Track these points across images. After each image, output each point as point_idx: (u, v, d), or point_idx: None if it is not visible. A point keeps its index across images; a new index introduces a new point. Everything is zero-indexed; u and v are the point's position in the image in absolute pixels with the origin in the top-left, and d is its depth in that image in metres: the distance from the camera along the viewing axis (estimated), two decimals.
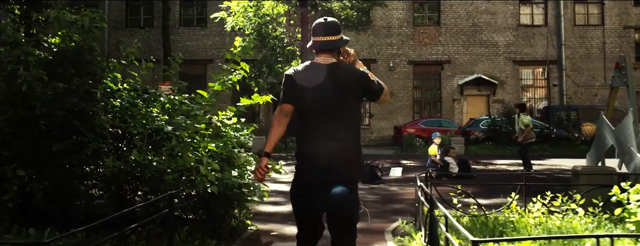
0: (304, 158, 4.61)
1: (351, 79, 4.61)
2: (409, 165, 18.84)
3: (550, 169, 17.71)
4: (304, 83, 4.56)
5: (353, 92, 4.60)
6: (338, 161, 4.44)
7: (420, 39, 34.95)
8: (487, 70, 34.65)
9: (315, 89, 4.52)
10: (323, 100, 4.51)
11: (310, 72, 4.61)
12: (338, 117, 4.52)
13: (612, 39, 34.92)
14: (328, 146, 4.43)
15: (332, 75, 4.55)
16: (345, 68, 4.68)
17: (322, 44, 4.66)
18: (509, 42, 34.91)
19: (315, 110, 4.55)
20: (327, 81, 4.53)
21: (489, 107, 34.65)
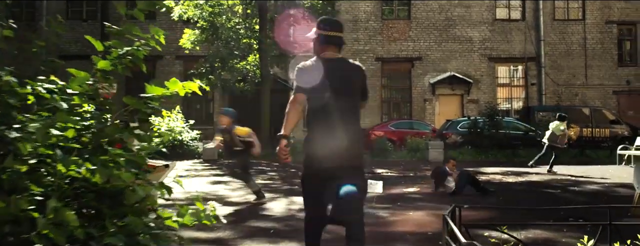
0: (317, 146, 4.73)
1: (357, 75, 5.00)
2: (385, 175, 16.03)
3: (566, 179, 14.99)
4: (316, 76, 4.72)
5: (358, 87, 4.96)
6: (350, 150, 4.70)
7: (389, 33, 32.32)
8: (460, 68, 32.15)
9: (327, 82, 4.72)
10: (335, 92, 4.72)
11: (323, 66, 4.78)
12: (347, 109, 4.79)
13: (594, 34, 32.70)
14: (342, 136, 4.67)
15: (342, 69, 4.92)
16: (352, 63, 5.08)
17: (331, 38, 4.96)
18: (484, 38, 32.46)
19: (328, 101, 4.70)
20: (338, 74, 4.82)
21: (463, 107, 32.14)
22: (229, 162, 20.37)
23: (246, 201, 10.05)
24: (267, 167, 18.62)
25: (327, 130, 4.70)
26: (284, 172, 16.57)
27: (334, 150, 4.62)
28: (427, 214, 8.84)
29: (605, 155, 23.20)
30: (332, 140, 4.64)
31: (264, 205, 9.77)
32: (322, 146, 4.68)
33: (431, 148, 21.77)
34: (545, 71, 32.42)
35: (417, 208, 9.36)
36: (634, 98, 32.82)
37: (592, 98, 32.47)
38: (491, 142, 23.82)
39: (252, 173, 16.23)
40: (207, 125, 31.76)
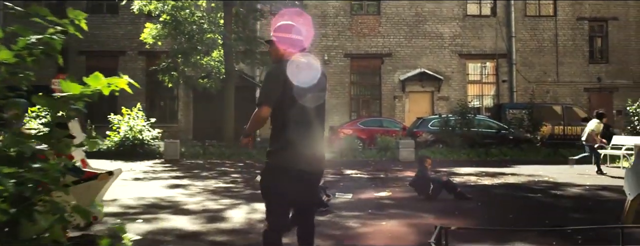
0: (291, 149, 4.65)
1: (323, 77, 4.96)
2: (354, 176, 15.22)
3: (544, 181, 14.31)
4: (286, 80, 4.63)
5: (323, 88, 4.97)
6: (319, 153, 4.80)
7: (358, 29, 31.58)
8: (431, 65, 31.54)
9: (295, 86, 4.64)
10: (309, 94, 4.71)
11: (296, 69, 4.69)
12: (318, 112, 4.85)
13: (565, 31, 32.28)
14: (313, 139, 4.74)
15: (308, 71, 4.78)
16: (316, 65, 4.93)
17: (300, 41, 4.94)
18: (455, 34, 31.86)
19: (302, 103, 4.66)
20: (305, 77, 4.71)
21: (433, 104, 31.51)
22: (191, 162, 19.56)
23: (203, 209, 9.17)
24: (231, 168, 17.70)
25: (303, 133, 4.68)
26: (249, 174, 15.66)
27: (310, 154, 4.68)
28: (402, 224, 8.04)
29: (580, 153, 22.60)
30: (308, 144, 4.69)
31: (222, 212, 8.90)
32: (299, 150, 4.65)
33: (402, 148, 21.02)
34: (516, 68, 31.94)
35: (391, 217, 8.55)
36: (604, 96, 32.46)
37: (563, 96, 32.04)
38: (463, 141, 23.13)
39: (215, 174, 15.36)
40: (171, 122, 30.77)
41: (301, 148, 4.65)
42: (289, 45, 4.87)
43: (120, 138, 21.47)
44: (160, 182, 13.15)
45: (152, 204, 9.73)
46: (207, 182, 13.34)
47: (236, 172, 16.41)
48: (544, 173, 15.88)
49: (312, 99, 4.72)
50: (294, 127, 4.67)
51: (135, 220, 8.06)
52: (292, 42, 4.87)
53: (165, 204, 9.75)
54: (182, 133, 30.52)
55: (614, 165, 18.87)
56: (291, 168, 4.61)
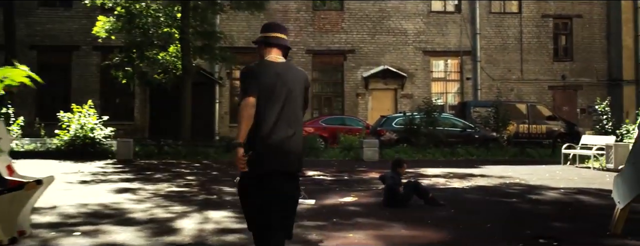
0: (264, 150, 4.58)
1: (300, 80, 4.87)
2: (317, 177, 14.43)
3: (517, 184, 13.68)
4: (261, 79, 4.65)
5: (301, 92, 4.85)
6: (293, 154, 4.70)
7: (320, 25, 30.90)
8: (394, 62, 31.00)
9: (271, 85, 4.65)
10: (279, 96, 4.67)
11: (267, 69, 4.73)
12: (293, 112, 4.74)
13: (530, 28, 32.02)
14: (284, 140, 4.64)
15: (286, 72, 4.78)
16: (295, 68, 4.98)
17: (277, 39, 4.91)
18: (419, 30, 31.37)
19: (273, 104, 4.64)
20: (282, 78, 4.72)
21: (397, 102, 30.92)
22: (144, 163, 18.55)
23: (151, 219, 8.27)
24: (187, 169, 16.76)
25: (269, 133, 4.61)
26: (205, 176, 14.76)
27: (281, 154, 4.63)
28: (371, 236, 7.25)
29: (547, 153, 22.17)
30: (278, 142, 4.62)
31: (171, 222, 8.02)
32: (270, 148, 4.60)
33: (366, 147, 20.28)
34: (480, 65, 31.50)
35: (358, 227, 7.76)
36: (568, 94, 32.23)
37: (528, 94, 31.73)
38: (428, 140, 22.47)
39: (169, 177, 14.44)
40: (126, 120, 29.68)
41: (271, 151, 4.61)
42: (276, 45, 4.92)
43: (70, 137, 20.34)
44: (108, 186, 12.19)
45: (95, 212, 8.80)
46: (159, 185, 12.41)
47: (191, 173, 15.48)
48: (514, 175, 15.26)
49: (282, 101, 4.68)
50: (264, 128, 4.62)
51: (72, 233, 7.14)
52: (279, 43, 4.92)
53: (109, 212, 8.82)
54: (138, 131, 29.45)
55: (583, 166, 18.35)
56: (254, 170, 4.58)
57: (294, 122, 4.73)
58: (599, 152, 17.15)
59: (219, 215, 8.54)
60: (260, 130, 4.58)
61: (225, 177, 14.43)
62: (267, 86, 4.62)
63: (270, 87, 4.63)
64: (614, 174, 15.42)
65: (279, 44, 4.91)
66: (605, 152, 16.71)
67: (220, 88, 30.13)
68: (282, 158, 4.62)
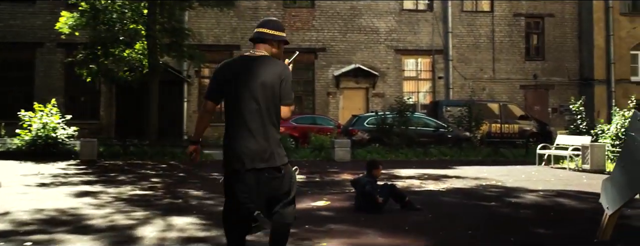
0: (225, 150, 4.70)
1: (273, 72, 4.68)
2: None
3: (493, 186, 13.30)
4: (228, 75, 4.71)
5: (273, 85, 4.65)
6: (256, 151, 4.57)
7: (291, 23, 30.30)
8: (366, 60, 30.56)
9: (237, 80, 4.66)
10: (243, 92, 4.63)
11: (237, 64, 4.79)
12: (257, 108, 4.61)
13: (502, 27, 31.79)
14: (246, 138, 4.58)
15: (257, 66, 4.68)
16: (272, 62, 4.76)
17: (258, 33, 4.85)
18: (390, 29, 30.96)
19: (234, 102, 4.65)
20: (250, 72, 4.66)
21: (368, 101, 30.51)
22: (109, 163, 17.89)
23: (110, 226, 7.72)
24: (152, 170, 16.17)
25: (235, 130, 4.65)
26: (171, 178, 14.19)
27: (239, 151, 4.58)
28: (345, 244, 6.79)
29: (521, 153, 21.89)
30: (237, 141, 4.60)
31: (132, 229, 7.48)
32: (230, 147, 4.65)
33: (337, 147, 19.82)
34: (452, 64, 31.22)
35: (331, 235, 7.28)
36: (540, 93, 32.10)
37: (499, 93, 31.51)
38: (401, 140, 22.08)
39: (133, 178, 13.85)
40: (92, 119, 28.91)
41: (229, 149, 4.66)
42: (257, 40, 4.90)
43: (31, 137, 19.59)
44: (68, 189, 11.56)
45: (51, 219, 8.22)
46: (122, 188, 11.82)
47: (157, 175, 14.90)
48: (489, 176, 14.91)
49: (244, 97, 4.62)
50: (227, 126, 4.71)
51: (23, 243, 6.57)
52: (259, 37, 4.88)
53: (66, 219, 8.25)
54: (104, 131, 28.70)
55: (558, 166, 18.06)
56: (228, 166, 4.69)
57: (260, 117, 4.60)
58: (575, 152, 16.86)
59: (183, 222, 8.01)
60: (225, 129, 4.73)
61: (192, 179, 13.90)
62: (230, 83, 4.67)
63: (234, 83, 4.66)
64: (590, 175, 15.27)
65: (260, 38, 4.84)
66: (581, 153, 16.42)
67: (188, 86, 29.46)
68: (242, 157, 4.56)
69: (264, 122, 4.59)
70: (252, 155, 4.55)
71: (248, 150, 4.54)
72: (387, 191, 9.16)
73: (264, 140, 4.58)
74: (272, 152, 4.60)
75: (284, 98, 4.71)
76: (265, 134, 4.59)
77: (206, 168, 16.65)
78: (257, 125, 4.57)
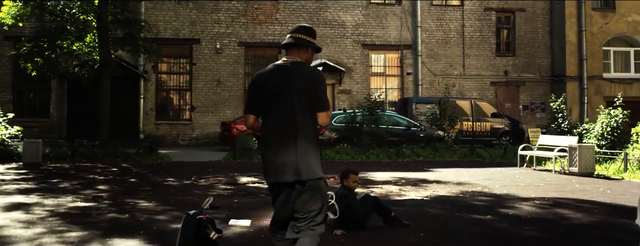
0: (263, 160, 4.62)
1: (305, 79, 4.54)
2: (250, 185, 12.55)
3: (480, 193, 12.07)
4: (263, 85, 4.61)
5: (307, 93, 4.52)
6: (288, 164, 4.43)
7: (253, 15, 28.88)
8: (332, 55, 29.21)
9: (272, 89, 4.55)
10: (275, 102, 4.53)
11: (271, 73, 4.65)
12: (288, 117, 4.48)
13: (472, 21, 30.69)
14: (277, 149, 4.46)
15: (291, 73, 4.55)
16: (307, 68, 4.67)
17: (294, 38, 4.72)
18: (358, 23, 29.66)
19: (271, 110, 4.55)
20: (285, 80, 4.53)
21: (334, 98, 29.18)
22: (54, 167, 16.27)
23: None
24: (101, 175, 14.61)
25: (268, 140, 4.57)
26: (120, 185, 12.66)
27: (271, 163, 4.51)
28: None
29: (498, 153, 20.77)
30: (270, 152, 4.52)
31: None
32: (264, 158, 4.61)
33: None
34: (421, 60, 30.05)
35: None
36: (511, 90, 31.13)
37: (470, 90, 30.46)
38: (371, 140, 20.79)
39: (78, 186, 12.33)
40: (43, 117, 27.16)
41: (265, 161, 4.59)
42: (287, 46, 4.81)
43: None
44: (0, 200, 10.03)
45: None
46: (62, 198, 10.29)
47: (105, 181, 13.35)
48: (472, 180, 13.70)
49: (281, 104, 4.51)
50: (262, 136, 4.64)
51: None
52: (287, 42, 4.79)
53: None
54: (55, 130, 26.96)
55: (541, 168, 16.92)
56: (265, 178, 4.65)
57: (293, 127, 4.44)
58: (561, 153, 15.71)
59: None
60: (261, 139, 4.73)
61: (144, 186, 12.42)
62: (265, 93, 4.57)
63: (270, 93, 4.55)
64: (580, 179, 14.11)
65: (296, 43, 4.70)
66: (568, 154, 15.25)
67: (145, 82, 27.81)
68: (276, 170, 4.47)
69: (297, 131, 4.44)
70: (283, 168, 4.41)
71: (279, 163, 4.43)
72: (370, 204, 7.83)
73: (295, 152, 4.41)
74: (305, 164, 4.41)
75: (320, 104, 4.54)
76: (297, 145, 4.42)
77: (161, 172, 15.19)
78: (290, 135, 4.44)
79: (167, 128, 28.22)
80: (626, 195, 11.28)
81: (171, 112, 28.84)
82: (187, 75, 28.61)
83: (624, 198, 10.73)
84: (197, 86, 28.30)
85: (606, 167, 15.57)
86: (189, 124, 28.17)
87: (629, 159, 14.95)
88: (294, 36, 4.72)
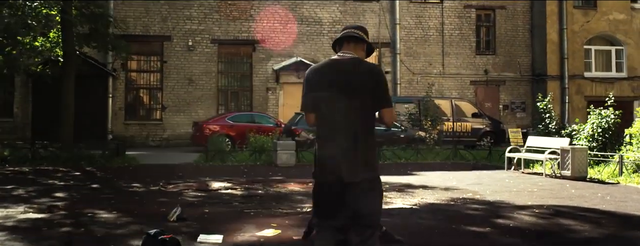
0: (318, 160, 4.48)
1: (370, 75, 4.37)
2: (223, 191, 11.58)
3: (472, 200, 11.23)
4: (319, 81, 4.46)
5: (369, 89, 4.32)
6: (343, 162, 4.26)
7: (227, 12, 27.91)
8: (308, 53, 28.33)
9: (330, 85, 4.37)
10: (331, 99, 4.35)
11: (328, 68, 4.50)
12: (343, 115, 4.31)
13: (452, 19, 29.96)
14: (334, 148, 4.29)
15: (351, 69, 4.40)
16: (365, 63, 4.48)
17: (350, 32, 4.58)
18: (334, 20, 28.78)
19: (329, 107, 4.36)
20: (344, 75, 4.37)
21: None
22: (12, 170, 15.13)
23: None
24: (61, 181, 13.54)
25: (325, 138, 4.43)
26: (81, 191, 11.62)
27: (327, 162, 4.36)
28: None
29: (482, 155, 19.99)
30: (326, 151, 4.38)
31: None
32: (319, 157, 4.47)
33: (280, 150, 17.46)
34: (400, 58, 29.24)
35: None
36: (491, 89, 30.45)
37: (449, 89, 29.74)
38: None
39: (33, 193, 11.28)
40: (6, 117, 25.94)
41: (319, 159, 4.47)
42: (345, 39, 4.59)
43: None
44: None
45: None
46: (12, 208, 9.23)
47: (65, 187, 12.29)
48: (460, 185, 12.86)
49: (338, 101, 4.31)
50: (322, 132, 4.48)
51: None
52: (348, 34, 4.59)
53: None
54: (19, 130, 25.75)
55: (531, 171, 16.11)
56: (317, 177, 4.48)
57: (352, 125, 4.29)
58: (552, 156, 14.91)
59: None
60: (316, 137, 4.62)
61: (106, 193, 11.39)
62: (323, 89, 4.41)
63: (327, 89, 4.39)
64: (574, 183, 13.31)
65: (353, 38, 4.56)
66: (560, 157, 14.45)
67: (114, 81, 26.66)
68: (333, 168, 4.31)
69: (356, 129, 4.29)
70: (342, 166, 4.25)
71: (337, 161, 4.27)
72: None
73: (354, 151, 4.26)
74: (365, 162, 4.30)
75: (383, 100, 4.38)
76: (356, 144, 4.27)
77: (127, 176, 14.16)
78: (348, 133, 4.28)
79: (137, 128, 27.12)
80: (628, 201, 10.49)
81: (141, 112, 27.74)
82: (158, 73, 27.53)
83: (628, 206, 9.93)
84: (169, 84, 27.24)
85: (599, 170, 14.79)
86: (159, 124, 27.10)
87: (624, 162, 14.19)
88: (352, 31, 4.57)
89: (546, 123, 18.42)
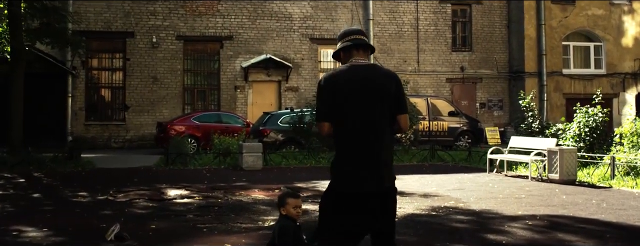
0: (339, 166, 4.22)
1: (389, 81, 4.30)
2: (179, 201, 10.37)
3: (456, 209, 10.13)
4: (338, 88, 4.23)
5: (389, 95, 4.24)
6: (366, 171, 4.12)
7: (193, 7, 26.71)
8: (278, 50, 27.23)
9: (351, 92, 4.20)
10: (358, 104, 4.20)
11: (346, 74, 4.29)
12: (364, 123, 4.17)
13: (427, 14, 28.97)
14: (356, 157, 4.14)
15: (371, 75, 4.28)
16: (383, 69, 4.51)
17: (358, 40, 4.42)
18: (305, 15, 27.70)
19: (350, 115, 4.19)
20: (365, 82, 4.23)
21: (281, 96, 27.17)
22: None
23: None
24: (3, 189, 12.23)
25: (346, 147, 4.19)
26: (18, 202, 10.33)
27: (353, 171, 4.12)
28: None
29: (461, 156, 18.94)
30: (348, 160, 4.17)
31: None
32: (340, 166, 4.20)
33: (246, 153, 16.24)
34: (374, 55, 28.09)
35: None
36: (467, 87, 29.52)
37: (424, 87, 28.76)
38: (322, 142, 18.73)
39: None
40: None
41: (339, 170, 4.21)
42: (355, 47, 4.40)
43: None
44: None
45: None
46: None
47: (4, 196, 11.00)
48: (440, 191, 11.77)
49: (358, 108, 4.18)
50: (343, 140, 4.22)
51: None
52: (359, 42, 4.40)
53: None
54: None
55: (515, 174, 15.06)
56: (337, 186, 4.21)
57: (374, 132, 4.14)
58: (538, 158, 13.87)
59: None
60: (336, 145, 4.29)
61: (46, 203, 10.12)
62: (342, 96, 4.19)
63: (347, 96, 4.18)
64: (564, 188, 12.25)
65: (363, 44, 4.40)
66: (547, 159, 13.40)
67: (73, 79, 25.24)
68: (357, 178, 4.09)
69: (378, 136, 4.16)
70: (366, 176, 4.07)
71: (361, 170, 4.08)
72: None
73: (378, 158, 4.12)
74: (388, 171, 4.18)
75: (400, 107, 4.28)
76: (381, 150, 4.14)
77: (76, 183, 12.89)
78: (370, 141, 4.13)
79: (99, 129, 25.75)
80: (628, 210, 9.45)
81: (103, 112, 26.34)
82: (121, 72, 26.17)
83: (629, 216, 8.88)
84: (132, 83, 25.92)
85: (589, 172, 13.79)
86: (122, 125, 25.77)
87: (616, 164, 13.19)
88: (359, 37, 4.41)
89: (529, 122, 17.42)
